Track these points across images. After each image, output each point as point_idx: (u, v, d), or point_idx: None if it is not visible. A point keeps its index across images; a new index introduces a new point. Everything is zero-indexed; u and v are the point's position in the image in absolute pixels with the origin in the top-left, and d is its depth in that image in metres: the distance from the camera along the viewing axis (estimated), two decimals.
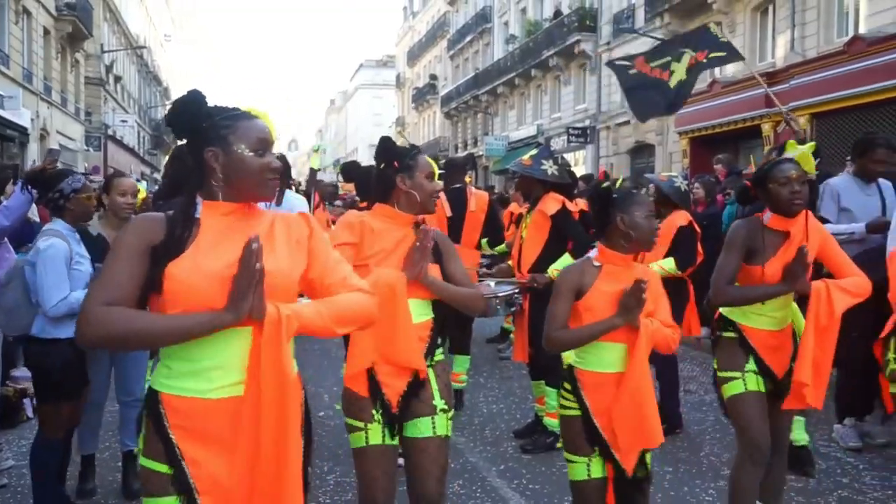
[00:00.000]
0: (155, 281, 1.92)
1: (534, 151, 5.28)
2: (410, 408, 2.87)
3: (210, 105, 2.06)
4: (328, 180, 15.57)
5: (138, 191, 4.48)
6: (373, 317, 2.16)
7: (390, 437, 2.88)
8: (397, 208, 2.98)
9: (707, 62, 7.89)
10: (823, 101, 14.36)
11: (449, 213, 6.17)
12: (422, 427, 2.87)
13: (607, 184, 3.07)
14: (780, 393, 3.37)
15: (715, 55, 7.71)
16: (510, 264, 5.45)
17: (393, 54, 65.05)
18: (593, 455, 2.91)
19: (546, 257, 4.93)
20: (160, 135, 46.53)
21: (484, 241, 6.49)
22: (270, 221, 2.10)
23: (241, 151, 2.01)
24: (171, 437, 1.96)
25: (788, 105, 8.71)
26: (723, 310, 3.48)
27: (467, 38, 40.60)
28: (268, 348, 1.91)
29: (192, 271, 1.92)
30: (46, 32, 25.25)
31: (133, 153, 38.86)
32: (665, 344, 2.92)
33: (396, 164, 2.98)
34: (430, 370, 2.93)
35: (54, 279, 3.70)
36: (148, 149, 45.04)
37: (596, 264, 2.93)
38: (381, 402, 2.85)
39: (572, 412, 2.94)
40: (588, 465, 2.91)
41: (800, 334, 3.40)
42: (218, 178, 2.01)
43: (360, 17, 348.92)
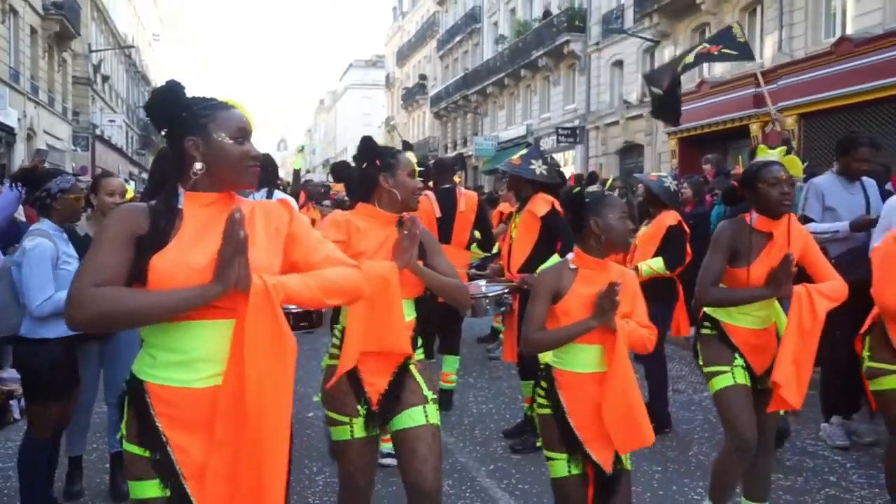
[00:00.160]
0: (140, 272, 1.94)
1: (523, 151, 5.29)
2: (400, 400, 2.91)
3: (188, 96, 2.08)
4: (317, 180, 15.56)
5: (126, 191, 4.46)
6: (361, 290, 2.20)
7: (373, 430, 2.94)
8: (379, 207, 3.01)
9: (717, 55, 7.95)
10: (811, 101, 14.46)
11: (438, 214, 6.16)
12: (415, 416, 2.90)
13: (578, 188, 3.12)
14: (760, 389, 3.42)
15: (727, 51, 7.76)
16: (501, 265, 5.46)
17: (382, 54, 65.00)
18: (573, 452, 2.94)
19: (535, 258, 4.94)
20: (148, 135, 46.27)
21: (474, 246, 6.50)
22: (251, 210, 2.12)
23: (220, 139, 2.03)
24: (157, 424, 2.00)
25: (777, 105, 8.75)
26: (706, 308, 3.52)
27: (457, 39, 40.61)
28: (258, 317, 1.93)
29: (176, 264, 1.94)
30: (33, 31, 25.10)
31: (121, 153, 38.66)
32: (641, 344, 2.96)
33: (378, 162, 3.02)
34: (412, 367, 2.98)
35: (39, 279, 3.68)
36: (136, 149, 44.81)
37: (572, 267, 2.97)
38: (364, 399, 2.89)
39: (546, 410, 3.00)
40: (567, 462, 2.95)
41: (782, 333, 3.43)
42: (199, 166, 2.03)
43: (349, 16, 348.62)
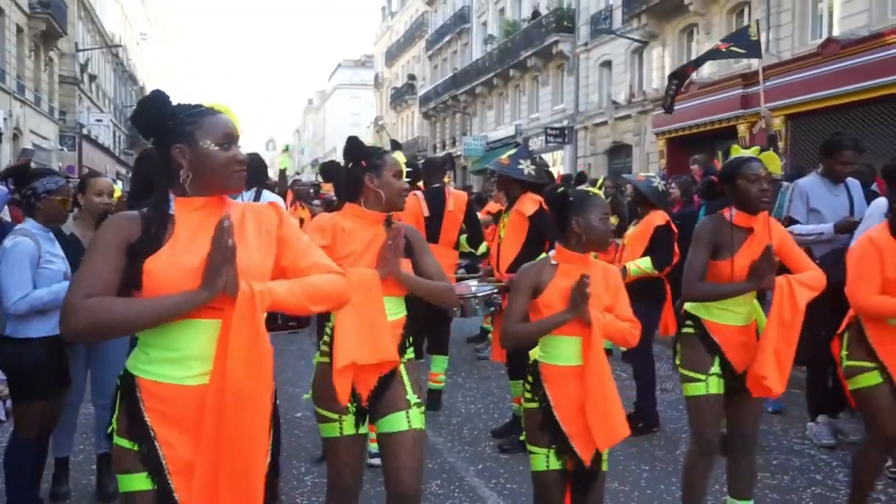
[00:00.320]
0: (134, 278, 1.99)
1: (512, 151, 5.30)
2: (384, 404, 2.94)
3: (174, 103, 2.11)
4: (305, 180, 15.54)
5: (114, 190, 4.44)
6: (345, 296, 2.24)
7: (362, 427, 2.96)
8: (365, 207, 3.03)
9: (725, 52, 7.98)
10: (798, 102, 14.52)
11: (427, 213, 6.16)
12: (397, 422, 2.93)
13: (562, 188, 3.19)
14: (742, 387, 3.45)
15: (735, 48, 7.78)
16: (491, 266, 5.47)
17: (371, 54, 64.95)
18: (552, 447, 3.00)
19: (524, 257, 4.94)
20: (136, 134, 45.66)
21: (463, 237, 6.50)
22: (241, 213, 2.16)
23: (206, 146, 2.07)
24: (146, 419, 2.04)
25: (767, 105, 8.80)
26: (687, 306, 3.56)
27: (445, 39, 40.61)
28: (241, 323, 1.97)
29: (169, 267, 1.99)
30: (19, 30, 24.94)
31: (108, 153, 38.46)
32: (621, 337, 3.03)
33: (364, 162, 3.03)
34: (401, 367, 3.01)
35: (16, 277, 3.67)
36: (123, 148, 44.56)
37: (553, 263, 3.05)
38: (353, 396, 2.91)
39: (533, 405, 3.05)
40: (547, 457, 3.00)
41: (762, 331, 3.48)
42: (186, 173, 2.06)
43: (338, 16, 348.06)
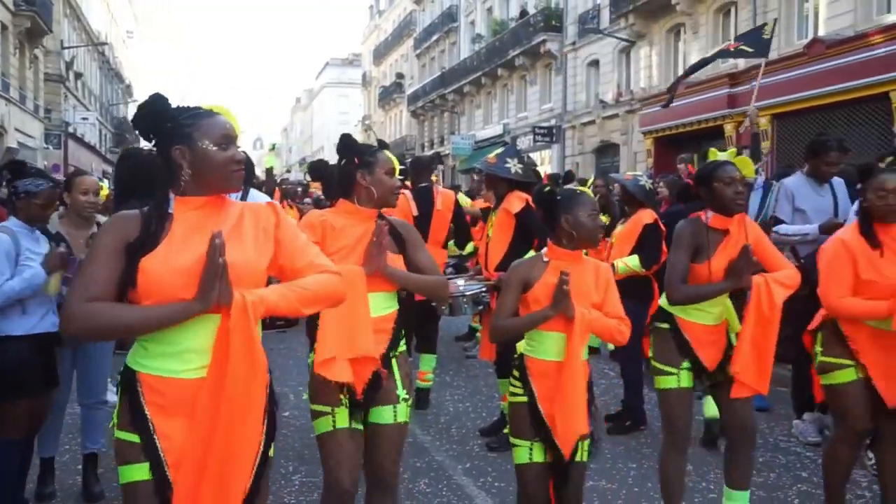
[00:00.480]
0: (131, 276, 2.05)
1: (499, 150, 5.30)
2: (375, 396, 2.99)
3: (173, 106, 2.17)
4: (293, 178, 15.51)
5: (100, 189, 4.42)
6: (340, 295, 2.29)
7: (355, 422, 2.98)
8: (358, 204, 3.07)
9: (734, 52, 7.96)
10: (784, 102, 14.61)
11: (415, 213, 6.16)
12: (384, 415, 3.01)
13: (550, 187, 3.23)
14: (717, 383, 3.55)
15: (744, 48, 7.75)
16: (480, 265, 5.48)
17: (359, 53, 64.81)
18: (535, 440, 3.05)
19: (512, 255, 4.95)
20: (122, 133, 45.79)
21: (451, 242, 6.51)
22: (239, 212, 2.22)
23: (205, 147, 2.12)
24: (146, 412, 2.10)
25: (756, 104, 8.82)
26: (662, 302, 3.64)
27: (434, 37, 40.58)
28: (236, 333, 2.04)
29: (162, 266, 2.04)
30: (4, 28, 24.74)
31: (94, 151, 38.22)
32: (609, 334, 3.08)
33: (357, 160, 3.08)
34: (393, 360, 3.05)
35: None
36: (110, 147, 44.29)
37: (545, 260, 3.10)
38: (348, 388, 2.94)
39: (519, 399, 3.10)
40: (530, 450, 3.06)
41: (733, 331, 3.56)
42: (186, 173, 2.12)
43: (325, 15, 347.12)
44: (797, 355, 5.22)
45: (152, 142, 2.18)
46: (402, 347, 3.12)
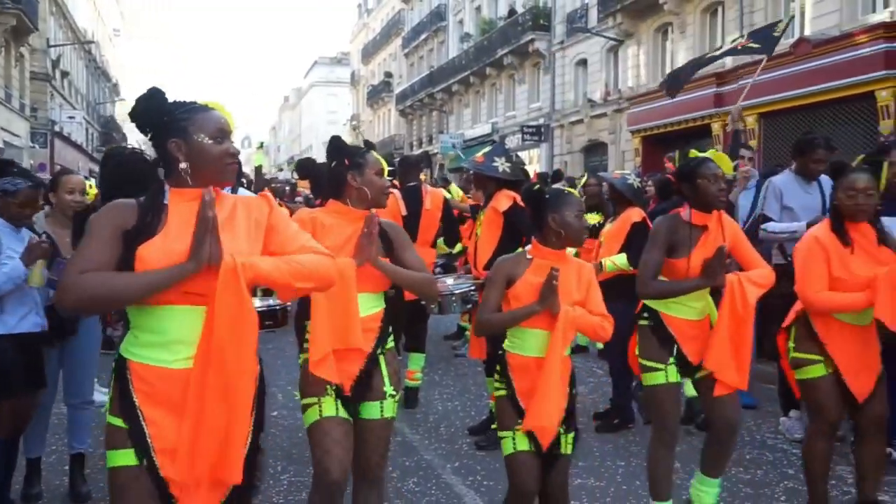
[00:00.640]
0: (127, 263, 2.08)
1: (487, 149, 5.30)
2: (363, 392, 3.03)
3: (169, 101, 2.22)
4: (283, 178, 15.48)
5: (86, 188, 4.39)
6: (331, 277, 2.32)
7: (343, 411, 3.00)
8: (349, 204, 3.10)
9: (741, 49, 7.93)
10: (771, 101, 14.68)
11: (404, 212, 6.16)
12: (371, 411, 3.05)
13: (538, 185, 3.29)
14: (702, 378, 3.60)
15: (751, 45, 7.72)
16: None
17: (347, 51, 64.67)
18: (517, 428, 3.11)
19: (500, 254, 4.92)
20: (109, 131, 45.53)
21: (440, 241, 6.50)
22: (232, 205, 2.27)
23: (201, 140, 2.17)
24: (135, 399, 2.15)
25: (743, 103, 8.82)
26: (646, 299, 3.69)
27: (422, 36, 40.55)
28: (225, 293, 2.07)
29: (161, 253, 2.09)
30: None
31: (81, 150, 37.96)
32: (592, 331, 3.13)
33: (347, 161, 3.11)
34: (381, 357, 3.08)
35: None
36: (97, 146, 43.99)
37: (528, 257, 3.16)
38: (335, 385, 2.98)
39: (501, 392, 3.19)
40: (513, 438, 3.12)
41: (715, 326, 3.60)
42: (182, 165, 2.17)
43: (314, 13, 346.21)
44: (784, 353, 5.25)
45: (149, 135, 2.22)
46: (389, 344, 3.15)
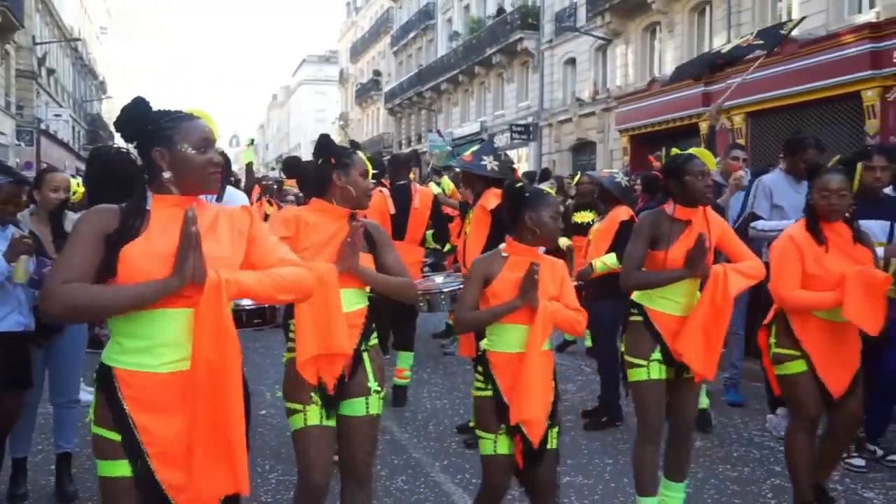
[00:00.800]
0: (110, 266, 2.11)
1: (475, 148, 5.30)
2: (347, 389, 3.05)
3: (154, 109, 2.25)
4: (273, 176, 15.41)
5: (70, 186, 4.37)
6: (310, 288, 2.38)
7: (327, 419, 3.04)
8: (333, 203, 3.14)
9: (746, 47, 7.91)
10: (758, 100, 14.75)
11: (393, 210, 6.15)
12: (356, 407, 3.07)
13: (520, 183, 3.30)
14: (680, 374, 3.63)
15: (756, 43, 7.69)
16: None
17: (336, 50, 64.54)
18: (500, 432, 3.13)
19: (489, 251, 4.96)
20: (96, 129, 45.28)
21: (429, 233, 6.50)
22: (215, 214, 2.30)
23: (184, 149, 2.20)
24: (125, 407, 2.15)
25: (726, 104, 8.83)
26: (633, 295, 3.73)
27: (411, 35, 40.52)
28: (208, 309, 2.11)
29: (143, 255, 2.12)
30: None
31: (68, 148, 37.72)
32: (569, 325, 3.18)
33: (334, 160, 3.15)
34: (364, 354, 3.11)
35: None
36: (83, 144, 43.72)
37: (504, 255, 3.20)
38: (319, 384, 3.01)
39: (484, 393, 3.18)
40: (495, 442, 3.14)
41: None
42: (166, 174, 2.20)
43: (302, 12, 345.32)
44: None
45: (133, 143, 2.25)
46: (373, 341, 3.17)
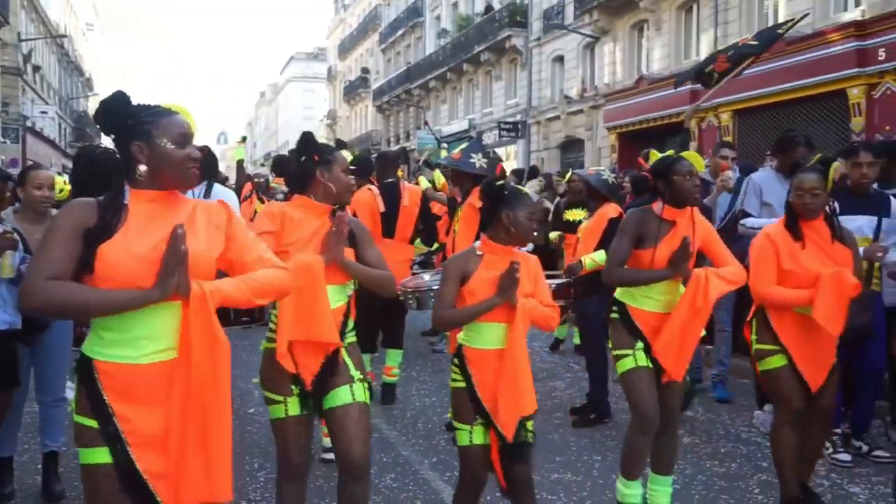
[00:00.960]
0: (87, 262, 2.12)
1: (464, 145, 5.31)
2: (328, 382, 3.08)
3: (134, 104, 2.25)
4: (264, 173, 15.36)
5: (54, 183, 4.34)
6: (287, 288, 2.42)
7: (307, 408, 3.11)
8: (315, 199, 3.17)
9: (742, 46, 7.89)
10: (745, 98, 14.81)
11: (382, 209, 6.14)
12: (341, 395, 3.08)
13: (501, 181, 3.34)
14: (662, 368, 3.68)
15: (750, 43, 7.69)
16: None
17: (324, 47, 64.36)
18: (475, 423, 3.19)
19: None
20: (83, 127, 44.98)
21: (417, 241, 6.49)
22: (192, 208, 2.32)
23: (163, 144, 2.22)
24: (105, 398, 2.19)
25: (713, 102, 8.86)
26: (616, 293, 3.79)
27: (399, 32, 40.45)
28: (197, 319, 2.15)
29: (121, 252, 2.13)
30: None
31: (54, 146, 37.50)
32: (545, 321, 3.23)
33: (317, 157, 3.17)
34: (343, 350, 3.14)
35: None
36: (70, 141, 43.45)
37: (479, 253, 3.23)
38: (297, 380, 3.05)
39: (459, 384, 3.24)
40: (470, 433, 3.20)
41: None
42: (143, 168, 2.21)
43: (290, 9, 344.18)
44: None
45: (112, 137, 2.25)
46: (351, 338, 3.20)
